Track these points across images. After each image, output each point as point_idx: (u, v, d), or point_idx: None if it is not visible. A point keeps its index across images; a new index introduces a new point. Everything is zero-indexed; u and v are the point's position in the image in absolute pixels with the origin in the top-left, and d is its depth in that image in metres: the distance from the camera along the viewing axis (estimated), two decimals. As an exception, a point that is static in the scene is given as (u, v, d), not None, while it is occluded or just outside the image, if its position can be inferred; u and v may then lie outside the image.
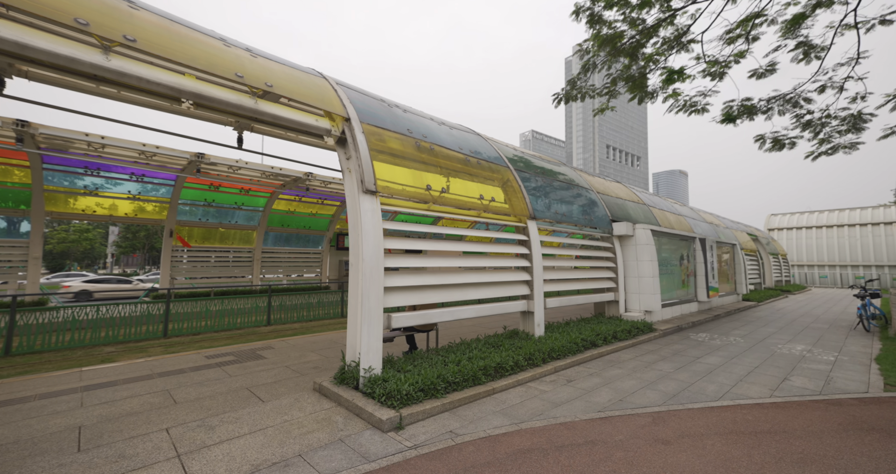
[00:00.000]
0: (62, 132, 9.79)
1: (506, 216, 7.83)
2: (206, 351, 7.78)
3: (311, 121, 5.37)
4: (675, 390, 5.21)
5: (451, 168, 6.89)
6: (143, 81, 4.05)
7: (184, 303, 10.31)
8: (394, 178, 5.84)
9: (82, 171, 12.40)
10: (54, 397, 5.10)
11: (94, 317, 9.09)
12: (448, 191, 6.50)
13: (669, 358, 7.04)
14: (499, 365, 5.58)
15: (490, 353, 6.01)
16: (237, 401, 4.88)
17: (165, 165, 12.68)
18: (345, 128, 5.65)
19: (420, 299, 5.79)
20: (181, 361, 6.92)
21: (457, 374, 5.06)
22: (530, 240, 7.63)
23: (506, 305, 7.12)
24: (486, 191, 7.22)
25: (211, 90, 4.51)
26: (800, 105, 13.60)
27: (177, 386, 5.49)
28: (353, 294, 5.29)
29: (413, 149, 6.41)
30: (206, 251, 15.80)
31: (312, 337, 9.14)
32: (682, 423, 4.02)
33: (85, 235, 50.15)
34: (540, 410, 4.54)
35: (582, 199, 9.81)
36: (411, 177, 6.09)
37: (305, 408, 4.62)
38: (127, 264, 70.69)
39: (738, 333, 9.53)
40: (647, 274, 9.91)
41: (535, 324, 7.41)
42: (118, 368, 6.50)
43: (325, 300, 13.31)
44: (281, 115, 5.08)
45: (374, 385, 4.68)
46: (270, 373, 6.11)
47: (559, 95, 13.67)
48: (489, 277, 6.85)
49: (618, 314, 9.96)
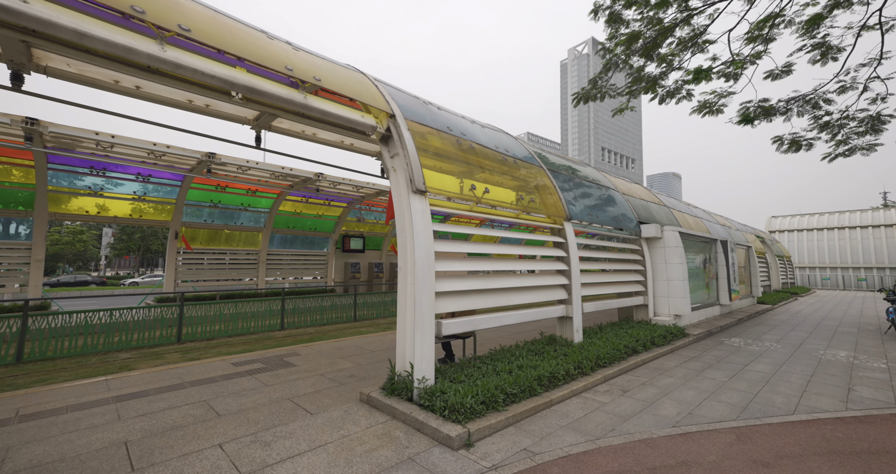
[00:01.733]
0: (72, 131, 9.45)
1: (540, 217, 7.61)
2: (230, 357, 7.48)
3: (357, 117, 5.11)
4: (742, 402, 4.99)
5: (490, 168, 6.64)
6: (197, 73, 3.77)
7: (196, 306, 9.99)
8: (438, 178, 5.58)
9: (87, 171, 12.05)
10: (87, 408, 4.80)
11: (108, 321, 8.77)
12: (490, 192, 6.25)
13: (715, 365, 6.83)
14: (551, 374, 5.33)
15: (537, 361, 5.77)
16: (284, 414, 4.60)
17: (173, 165, 12.35)
18: (389, 125, 5.39)
19: (468, 304, 5.54)
20: (208, 369, 6.61)
21: (514, 385, 4.81)
22: (567, 242, 7.39)
23: (546, 310, 6.88)
24: (525, 192, 6.97)
25: (263, 83, 4.24)
26: (819, 106, 13.50)
27: (213, 397, 5.20)
28: (402, 299, 5.03)
29: (454, 148, 6.16)
30: (211, 253, 15.46)
31: (336, 342, 8.85)
32: (771, 441, 3.78)
33: (79, 237, 48.94)
34: (609, 425, 4.30)
35: (609, 200, 9.60)
36: (455, 176, 5.84)
37: (360, 422, 4.34)
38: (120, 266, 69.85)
39: (771, 338, 9.35)
40: (677, 277, 9.71)
41: (574, 330, 7.18)
42: (144, 377, 6.18)
43: (338, 303, 13.03)
44: (329, 110, 4.81)
45: (432, 397, 4.41)
46: (307, 382, 5.83)
47: (579, 95, 13.52)
48: (528, 281, 6.61)
49: (647, 318, 9.74)
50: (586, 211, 8.31)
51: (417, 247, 4.88)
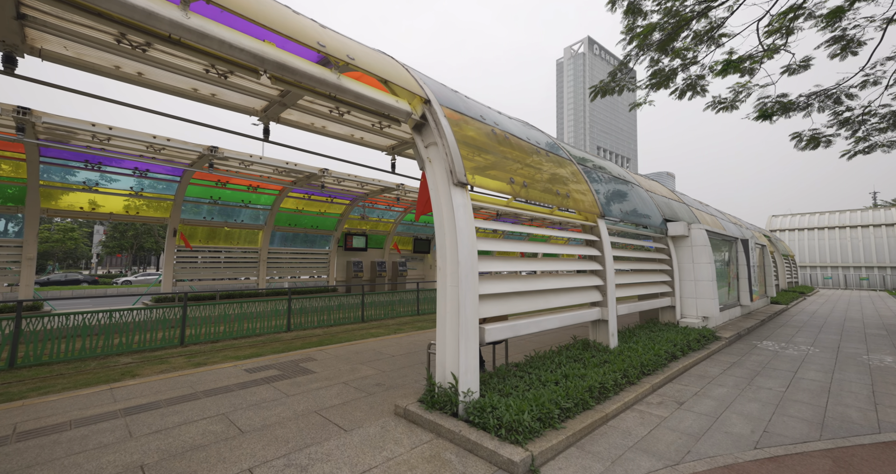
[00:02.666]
0: (67, 121, 8.86)
1: (570, 213, 7.17)
2: (241, 363, 6.98)
3: (392, 101, 4.62)
4: (814, 417, 4.56)
5: (525, 160, 6.17)
6: (224, 46, 3.28)
7: (199, 307, 9.47)
8: (476, 169, 5.11)
9: (82, 166, 11.45)
10: (93, 424, 4.29)
11: (107, 322, 8.24)
12: (528, 186, 5.79)
13: (762, 372, 6.42)
14: (601, 385, 4.89)
15: (581, 369, 5.33)
16: (314, 430, 4.12)
17: (173, 160, 11.78)
18: (425, 111, 4.91)
19: (509, 308, 5.09)
20: (220, 376, 6.11)
21: (567, 398, 4.37)
22: (602, 240, 6.96)
23: (582, 313, 6.45)
24: (559, 186, 6.52)
25: (295, 60, 3.74)
26: (841, 101, 13.16)
27: (232, 409, 4.71)
28: (442, 303, 4.56)
29: (489, 138, 5.69)
30: (211, 252, 14.89)
31: (351, 346, 8.37)
32: (877, 469, 3.36)
33: (69, 234, 47.25)
34: (682, 445, 3.85)
35: (636, 197, 9.18)
36: (493, 168, 5.38)
37: (402, 441, 3.88)
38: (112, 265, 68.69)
39: (803, 341, 8.98)
40: (705, 277, 9.31)
41: (610, 334, 6.75)
42: (152, 385, 5.68)
43: (345, 303, 12.53)
44: (364, 93, 4.33)
45: (482, 412, 3.95)
46: (331, 392, 5.35)
47: (596, 88, 13.10)
48: (564, 283, 6.16)
49: (673, 320, 9.35)
50: (616, 207, 7.88)
51: (461, 245, 4.41)
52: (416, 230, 21.87)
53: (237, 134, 7.79)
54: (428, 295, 14.76)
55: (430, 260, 22.11)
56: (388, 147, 9.18)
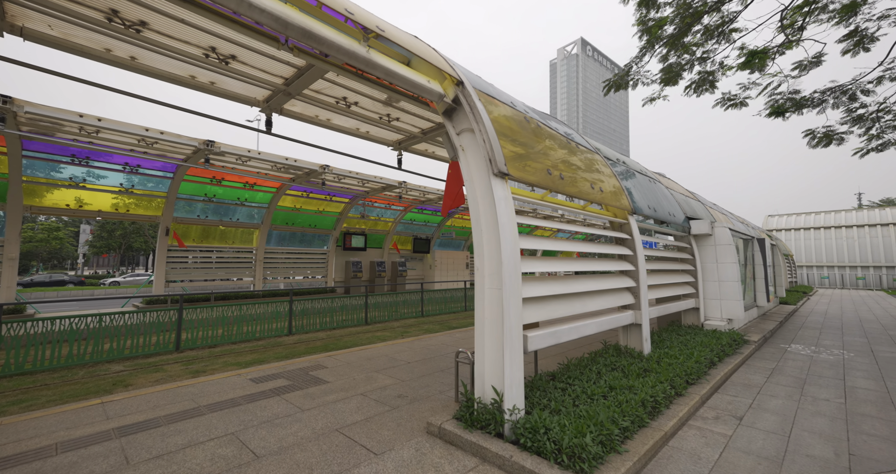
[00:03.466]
0: (52, 111, 8.22)
1: (597, 209, 6.72)
2: (244, 371, 6.42)
3: (423, 81, 4.11)
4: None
5: (556, 152, 5.69)
6: (243, 5, 2.75)
7: (195, 309, 8.88)
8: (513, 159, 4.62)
9: (68, 160, 10.78)
10: (83, 447, 3.73)
11: (97, 326, 7.63)
12: (565, 179, 5.31)
13: (809, 380, 6.00)
14: (653, 398, 4.42)
15: (623, 379, 4.86)
16: (340, 454, 3.60)
17: (166, 155, 11.16)
18: (458, 94, 4.41)
19: (549, 313, 4.61)
20: (223, 387, 5.56)
21: (623, 415, 3.89)
22: (633, 238, 6.50)
23: (617, 317, 5.98)
24: (594, 180, 6.04)
25: (321, 28, 3.22)
26: (856, 97, 12.90)
27: (242, 428, 4.17)
28: (480, 308, 4.06)
29: (522, 126, 5.19)
30: (205, 251, 14.23)
31: (361, 352, 7.84)
32: None
33: (55, 234, 45.49)
34: (764, 473, 3.39)
35: (660, 193, 8.74)
36: (529, 158, 4.89)
37: (443, 468, 3.36)
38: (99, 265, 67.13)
39: (831, 344, 8.61)
40: (730, 277, 8.90)
41: (643, 339, 6.29)
42: (148, 398, 5.11)
43: (347, 305, 11.98)
44: (395, 70, 3.81)
45: (534, 434, 3.45)
46: (350, 406, 4.82)
47: (610, 82, 12.68)
48: (599, 284, 5.69)
49: (697, 323, 8.93)
50: (644, 204, 7.43)
51: (504, 243, 3.91)
52: (416, 229, 21.35)
53: (237, 124, 7.22)
54: (432, 295, 14.25)
55: (430, 260, 21.59)
56: (394, 142, 8.69)
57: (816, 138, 13.86)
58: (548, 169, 5.01)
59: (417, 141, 8.41)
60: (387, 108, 7.17)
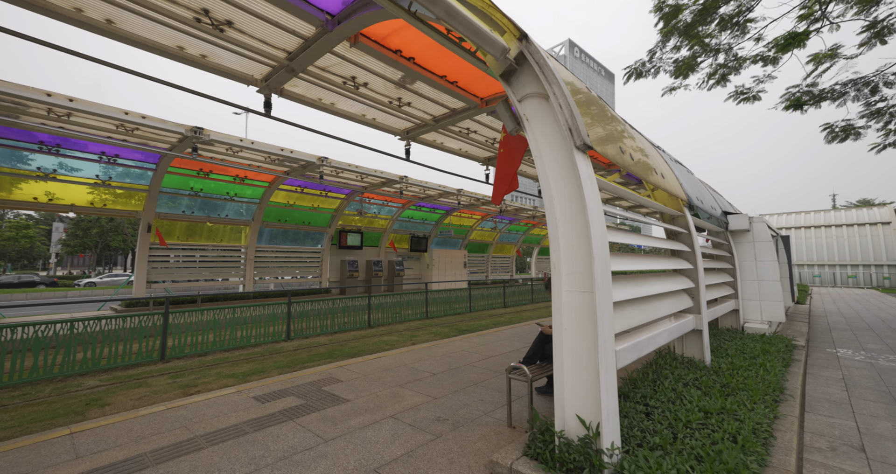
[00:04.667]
0: (14, 88, 7.16)
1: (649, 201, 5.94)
2: (244, 386, 5.48)
3: (486, 29, 3.24)
4: None
5: (619, 127, 4.88)
6: None
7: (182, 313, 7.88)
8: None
9: (36, 148, 9.64)
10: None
11: (67, 333, 6.59)
12: (636, 161, 4.51)
13: (890, 392, 5.32)
14: (761, 426, 3.63)
15: (703, 399, 4.07)
16: (391, 512, 2.73)
17: (148, 143, 10.08)
18: (522, 50, 3.56)
19: (630, 320, 3.78)
20: (222, 408, 4.62)
21: (746, 453, 3.09)
22: (690, 233, 5.74)
23: (682, 324, 5.20)
24: (654, 165, 5.25)
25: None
26: (878, 89, 12.47)
27: (255, 469, 3.26)
28: (559, 315, 3.21)
29: (588, 96, 4.37)
30: (190, 250, 13.12)
31: (376, 361, 6.94)
32: None
33: (24, 232, 42.43)
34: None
35: (699, 185, 8.02)
36: (604, 133, 4.06)
37: (537, 531, 2.52)
38: (73, 265, 64.45)
39: (877, 348, 8.00)
40: (770, 276, 8.23)
41: (704, 347, 5.53)
42: (130, 426, 4.14)
43: (348, 306, 11.05)
44: (457, 8, 2.94)
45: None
46: (382, 434, 3.93)
47: (630, 69, 12.01)
48: (664, 286, 4.90)
49: (737, 325, 8.25)
50: (694, 196, 6.68)
51: (594, 234, 3.07)
52: (414, 227, 20.44)
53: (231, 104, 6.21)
54: (434, 296, 13.38)
55: (427, 259, 20.70)
56: (402, 130, 7.86)
57: (834, 133, 13.43)
58: (619, 147, 4.20)
59: (428, 129, 7.60)
60: (399, 91, 6.33)
